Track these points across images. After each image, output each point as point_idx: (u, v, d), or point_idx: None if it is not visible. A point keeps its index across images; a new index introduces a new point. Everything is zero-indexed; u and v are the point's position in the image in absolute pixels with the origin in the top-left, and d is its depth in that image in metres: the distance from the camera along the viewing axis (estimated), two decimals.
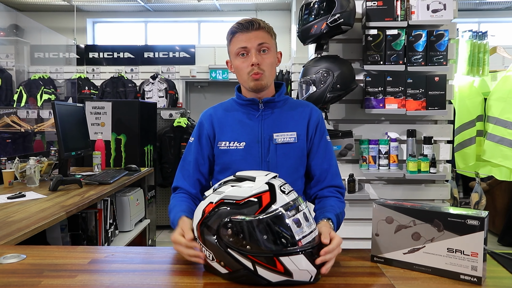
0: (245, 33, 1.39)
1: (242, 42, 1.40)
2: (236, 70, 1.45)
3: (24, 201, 2.12)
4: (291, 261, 1.01)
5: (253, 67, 1.39)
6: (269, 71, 1.42)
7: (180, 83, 7.61)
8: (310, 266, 1.03)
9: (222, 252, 1.03)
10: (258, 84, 1.41)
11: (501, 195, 4.47)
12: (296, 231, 1.02)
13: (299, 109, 1.51)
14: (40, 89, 5.67)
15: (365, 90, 2.59)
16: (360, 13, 2.63)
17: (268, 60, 1.41)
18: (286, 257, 1.00)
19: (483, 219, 1.02)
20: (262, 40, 1.40)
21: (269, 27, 1.45)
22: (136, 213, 3.06)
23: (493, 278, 1.08)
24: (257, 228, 1.01)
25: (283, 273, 1.01)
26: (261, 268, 1.01)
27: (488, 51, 3.54)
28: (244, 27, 1.39)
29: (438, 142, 2.71)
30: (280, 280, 1.02)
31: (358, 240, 2.59)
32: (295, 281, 1.02)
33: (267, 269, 1.01)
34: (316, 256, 1.04)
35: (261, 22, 1.42)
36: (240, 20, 1.43)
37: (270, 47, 1.42)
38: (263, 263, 1.00)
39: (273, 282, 1.02)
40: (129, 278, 1.09)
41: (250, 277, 1.03)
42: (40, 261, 1.20)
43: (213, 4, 7.61)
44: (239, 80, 1.48)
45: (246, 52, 1.40)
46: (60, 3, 7.48)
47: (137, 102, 4.15)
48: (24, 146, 4.60)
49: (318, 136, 1.50)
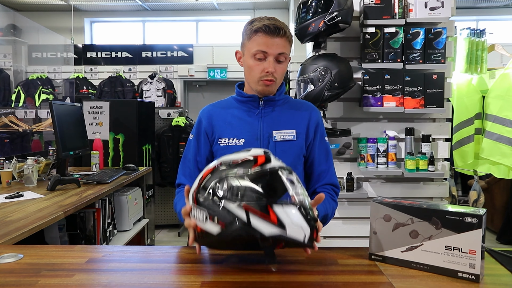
0: (269, 37, 1.36)
1: (263, 45, 1.37)
2: (248, 69, 1.44)
3: (22, 201, 2.11)
4: (284, 211, 0.99)
5: (267, 74, 1.39)
6: (279, 80, 1.44)
7: (178, 82, 7.60)
8: (303, 223, 1.01)
9: (216, 207, 1.02)
10: (266, 90, 1.43)
11: (500, 193, 4.48)
12: (289, 187, 1.02)
13: (299, 108, 1.52)
14: (38, 89, 5.66)
15: (363, 88, 2.59)
16: (357, 11, 2.62)
17: (282, 70, 1.42)
18: (279, 206, 0.99)
19: (481, 217, 1.02)
20: (283, 49, 1.39)
21: (290, 35, 1.42)
22: (134, 213, 3.06)
23: (491, 276, 1.08)
24: (253, 180, 1.02)
25: (277, 224, 0.99)
26: (255, 219, 0.99)
27: (486, 49, 3.53)
28: (270, 30, 1.35)
29: (436, 140, 2.72)
30: (273, 233, 0.99)
31: (356, 238, 2.60)
32: (289, 237, 0.99)
33: (261, 219, 0.99)
34: (309, 217, 1.02)
35: (287, 29, 1.39)
36: (266, 19, 1.38)
37: (287, 57, 1.42)
38: (257, 212, 0.99)
39: (266, 234, 0.98)
40: (126, 277, 1.08)
41: (244, 230, 1.00)
42: (38, 260, 1.20)
43: (211, 3, 7.60)
44: (246, 78, 1.48)
45: (264, 57, 1.39)
46: (58, 2, 7.46)
47: (135, 101, 4.14)
48: (22, 146, 4.59)
49: (318, 137, 1.51)
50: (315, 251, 1.11)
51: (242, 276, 1.08)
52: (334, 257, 1.21)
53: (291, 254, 1.22)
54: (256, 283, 1.04)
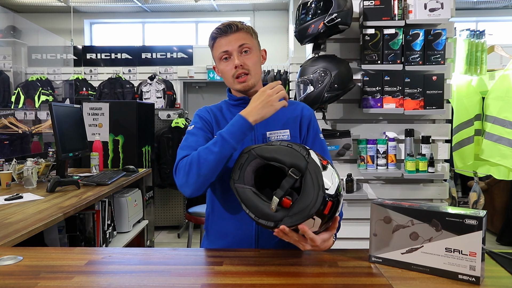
0: (225, 37, 1.40)
1: (223, 46, 1.41)
2: (222, 74, 1.46)
3: (22, 203, 2.11)
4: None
5: (237, 69, 1.39)
6: (254, 71, 1.43)
7: (178, 83, 7.60)
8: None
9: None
10: (246, 86, 1.42)
11: (500, 194, 4.48)
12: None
13: (290, 107, 1.50)
14: (37, 90, 5.66)
15: (363, 89, 2.59)
16: (357, 13, 2.63)
17: (251, 60, 1.42)
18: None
19: (481, 219, 1.02)
20: (243, 41, 1.41)
21: (248, 27, 1.45)
22: (134, 214, 3.06)
23: (492, 278, 1.07)
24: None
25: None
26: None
27: (486, 50, 3.53)
28: (222, 31, 1.41)
29: (436, 142, 2.72)
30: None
31: (356, 240, 2.59)
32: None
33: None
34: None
35: (239, 24, 1.43)
36: (219, 25, 1.44)
37: (252, 47, 1.43)
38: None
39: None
40: (126, 279, 1.08)
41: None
42: (37, 262, 1.19)
43: (210, 5, 7.60)
44: (226, 84, 1.49)
45: (228, 56, 1.41)
46: (57, 4, 7.46)
47: (135, 103, 4.14)
48: (22, 148, 4.59)
49: (311, 133, 1.49)
50: (315, 251, 1.11)
51: (241, 278, 1.08)
52: (333, 259, 1.21)
53: (291, 256, 1.22)
54: (256, 285, 1.03)
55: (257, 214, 1.13)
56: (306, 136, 1.48)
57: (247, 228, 1.38)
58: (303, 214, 1.07)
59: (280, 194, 1.10)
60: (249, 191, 1.16)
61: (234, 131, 1.25)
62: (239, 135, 1.26)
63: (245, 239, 1.39)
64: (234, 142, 1.25)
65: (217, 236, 1.44)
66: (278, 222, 1.09)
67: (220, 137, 1.26)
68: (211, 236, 1.47)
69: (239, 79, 1.41)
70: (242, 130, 1.26)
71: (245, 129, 1.26)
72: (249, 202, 1.15)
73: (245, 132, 1.26)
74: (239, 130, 1.26)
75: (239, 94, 1.49)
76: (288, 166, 1.11)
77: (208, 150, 1.25)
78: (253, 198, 1.15)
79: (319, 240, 1.12)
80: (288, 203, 1.10)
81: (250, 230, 1.39)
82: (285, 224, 1.08)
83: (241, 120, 1.27)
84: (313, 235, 1.10)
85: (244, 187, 1.17)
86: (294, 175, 1.10)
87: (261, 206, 1.13)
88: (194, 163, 1.25)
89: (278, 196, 1.10)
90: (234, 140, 1.25)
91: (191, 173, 1.26)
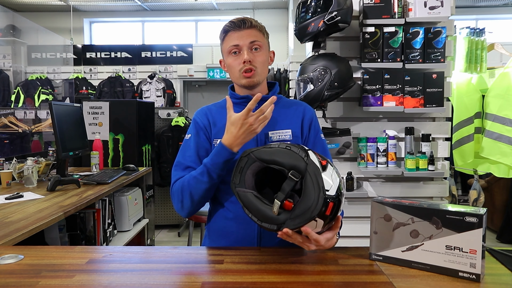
0: (238, 31, 1.41)
1: (234, 40, 1.41)
2: (229, 68, 1.46)
3: (22, 202, 2.11)
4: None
5: (245, 64, 1.40)
6: (261, 69, 1.43)
7: (178, 82, 7.60)
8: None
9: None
10: (251, 82, 1.42)
11: (500, 192, 4.48)
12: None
13: (292, 107, 1.51)
14: (37, 89, 5.66)
15: (363, 88, 2.59)
16: (357, 11, 2.62)
17: (260, 58, 1.42)
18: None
19: (481, 216, 1.02)
20: (254, 38, 1.41)
21: (261, 26, 1.46)
22: (134, 213, 3.06)
23: (492, 275, 1.08)
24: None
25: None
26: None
27: (486, 48, 3.53)
28: (236, 25, 1.41)
29: (436, 140, 2.72)
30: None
31: (356, 238, 2.59)
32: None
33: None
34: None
35: (253, 21, 1.44)
36: (233, 19, 1.44)
37: (262, 45, 1.43)
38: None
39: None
40: (127, 278, 1.08)
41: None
42: (38, 261, 1.20)
43: (210, 3, 7.60)
44: (231, 78, 1.49)
45: (238, 50, 1.41)
46: (57, 3, 7.46)
47: (134, 101, 4.14)
48: (22, 147, 4.59)
49: (313, 134, 1.49)
50: (314, 250, 1.12)
51: (242, 276, 1.08)
52: (334, 256, 1.21)
53: (292, 254, 1.23)
54: (257, 283, 1.04)
55: (260, 218, 1.13)
56: (307, 136, 1.49)
57: (249, 228, 1.38)
58: (305, 216, 1.07)
59: (281, 197, 1.10)
60: (251, 195, 1.16)
61: (219, 162, 1.30)
62: (223, 165, 1.31)
63: (247, 238, 1.39)
64: (220, 171, 1.31)
65: (218, 235, 1.44)
66: (281, 225, 1.10)
67: (205, 168, 1.32)
68: (212, 235, 1.47)
69: (245, 74, 1.41)
70: (226, 160, 1.30)
71: (229, 159, 1.30)
72: (251, 206, 1.15)
73: (230, 161, 1.31)
74: (223, 160, 1.30)
75: (242, 92, 1.48)
76: (288, 169, 1.11)
77: (197, 180, 1.33)
78: (255, 202, 1.15)
79: (323, 239, 1.12)
80: (289, 206, 1.10)
81: (252, 230, 1.38)
82: (288, 227, 1.09)
83: (225, 152, 1.29)
84: (317, 236, 1.10)
85: (246, 191, 1.18)
86: (294, 177, 1.10)
87: (263, 209, 1.13)
88: (186, 192, 1.35)
89: (280, 199, 1.10)
90: (219, 170, 1.31)
91: (185, 200, 1.36)
